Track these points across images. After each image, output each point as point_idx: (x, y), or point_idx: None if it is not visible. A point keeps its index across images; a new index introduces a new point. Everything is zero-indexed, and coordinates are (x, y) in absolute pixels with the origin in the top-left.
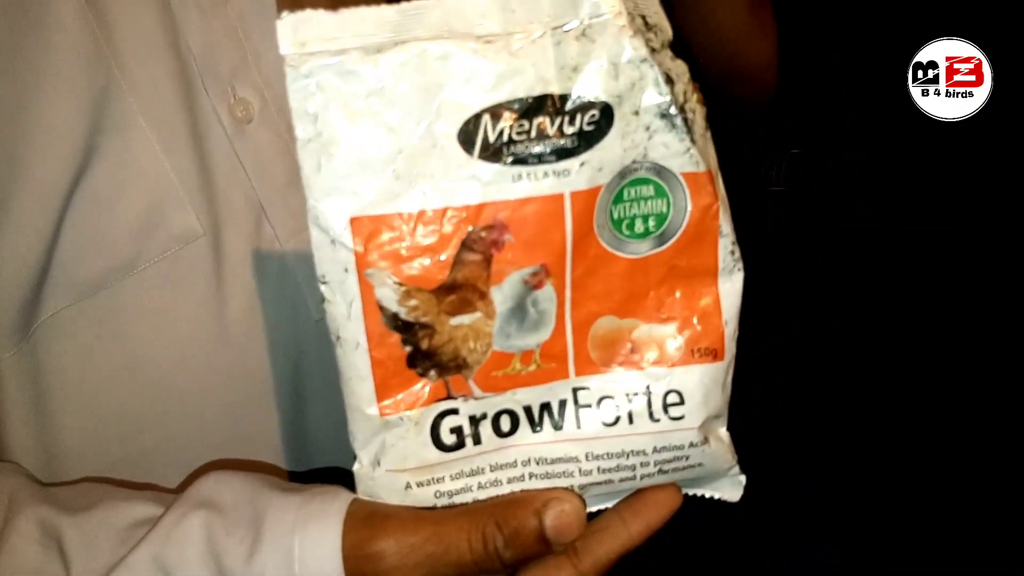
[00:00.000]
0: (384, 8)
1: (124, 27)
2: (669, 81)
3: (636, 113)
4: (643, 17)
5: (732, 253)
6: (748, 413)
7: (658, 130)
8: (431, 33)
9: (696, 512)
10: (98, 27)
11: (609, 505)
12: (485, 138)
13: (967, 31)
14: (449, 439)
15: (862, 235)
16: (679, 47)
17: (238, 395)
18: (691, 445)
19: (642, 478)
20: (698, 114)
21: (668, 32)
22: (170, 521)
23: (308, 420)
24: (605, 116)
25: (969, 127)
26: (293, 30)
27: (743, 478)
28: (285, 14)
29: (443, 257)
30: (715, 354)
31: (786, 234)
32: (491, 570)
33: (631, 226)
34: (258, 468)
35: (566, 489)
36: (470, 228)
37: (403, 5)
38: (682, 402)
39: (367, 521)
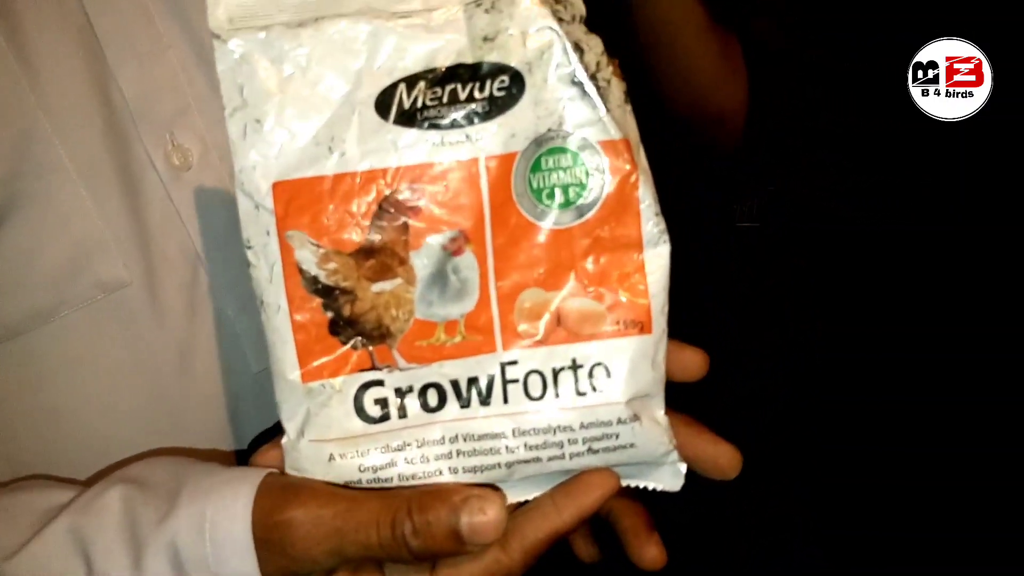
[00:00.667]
0: None
1: (52, 72)
2: (578, 50)
3: (546, 81)
4: None
5: (656, 224)
6: (734, 416)
7: (571, 98)
8: (352, 10)
9: (680, 511)
10: (21, 70)
11: (541, 492)
12: (400, 104)
13: (967, 31)
14: (374, 410)
15: (846, 236)
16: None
17: (169, 450)
18: (619, 421)
19: (571, 457)
20: (614, 85)
21: (580, 8)
22: (90, 495)
23: None
24: (516, 82)
25: (969, 127)
26: (220, 7)
27: (683, 466)
28: None
29: (361, 220)
30: (642, 327)
31: (770, 237)
32: (399, 558)
33: (551, 195)
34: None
35: (493, 488)
36: (387, 192)
37: None
38: (609, 375)
39: (281, 491)
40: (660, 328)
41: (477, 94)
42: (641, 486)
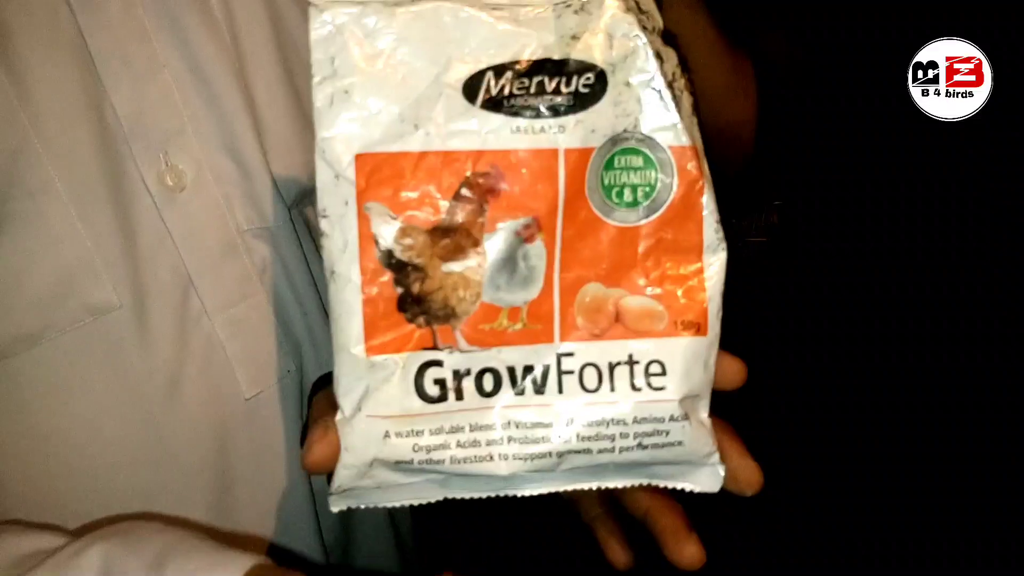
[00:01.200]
0: None
1: (43, 90)
2: (659, 58)
3: (628, 84)
4: (636, 1)
5: (717, 231)
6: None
7: (648, 102)
8: None
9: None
10: (12, 89)
11: (587, 486)
12: (488, 90)
13: (967, 31)
14: (432, 390)
15: (854, 252)
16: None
17: (157, 477)
18: (671, 419)
19: (621, 451)
20: (685, 97)
21: (659, 20)
22: (70, 552)
23: (234, 506)
24: (599, 81)
25: (969, 127)
26: None
27: (722, 469)
28: None
29: (440, 198)
30: (698, 328)
31: (779, 251)
32: None
33: (620, 194)
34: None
35: None
36: (468, 173)
37: None
38: (664, 373)
39: None
40: (715, 331)
41: (563, 88)
42: (679, 487)
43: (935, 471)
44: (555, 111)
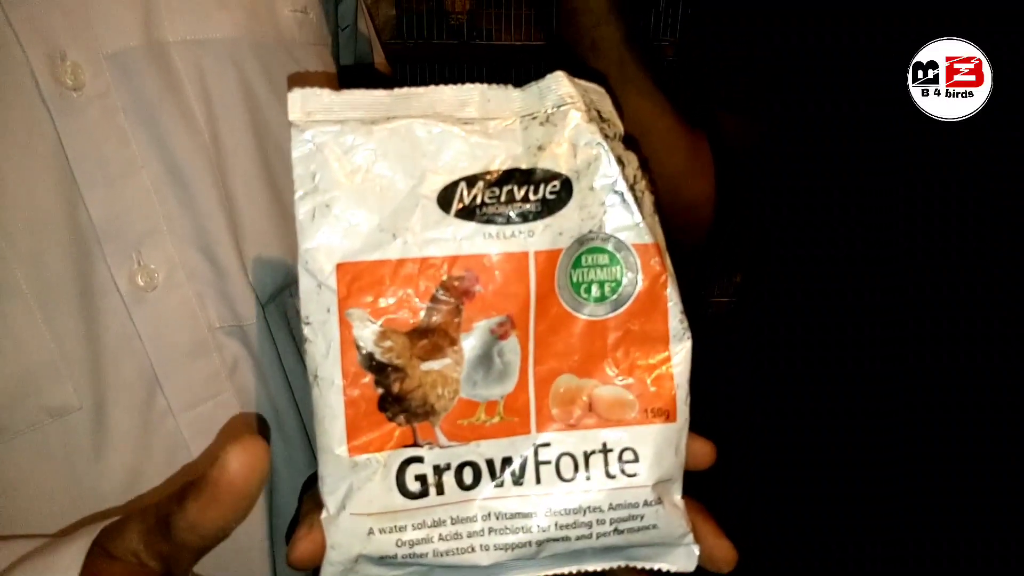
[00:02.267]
0: (380, 91)
1: (15, 197)
2: (620, 163)
3: (592, 188)
4: (598, 111)
5: (681, 322)
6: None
7: (612, 205)
8: (419, 113)
9: None
10: None
11: (567, 569)
12: (461, 199)
13: (967, 31)
14: (414, 486)
15: (820, 327)
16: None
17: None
18: (645, 503)
19: (598, 536)
20: (646, 197)
21: (620, 127)
22: None
23: None
24: (565, 188)
25: (969, 127)
26: (301, 101)
27: (697, 548)
28: (296, 88)
29: (418, 302)
30: (667, 415)
31: (739, 325)
32: None
33: (588, 290)
34: None
35: None
36: (444, 277)
37: (396, 90)
38: (636, 460)
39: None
40: (684, 417)
41: (531, 195)
42: (656, 567)
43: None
44: (524, 217)
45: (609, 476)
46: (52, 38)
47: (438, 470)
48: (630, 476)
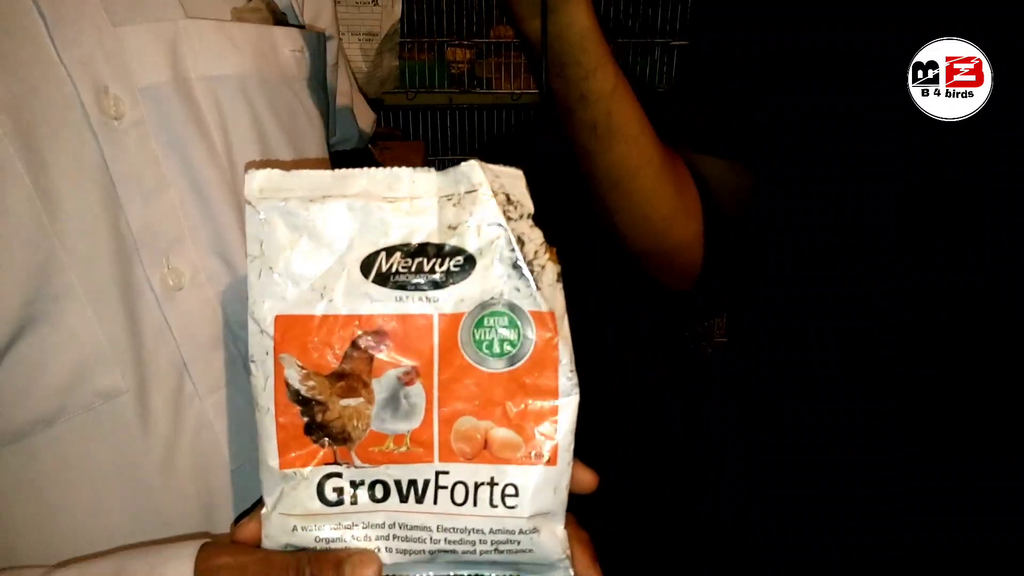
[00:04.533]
0: (323, 172)
1: (70, 208)
2: (520, 242)
3: (492, 263)
4: (507, 194)
5: (570, 379)
6: None
7: (511, 277)
8: (354, 192)
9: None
10: (44, 210)
11: (463, 572)
12: (379, 268)
13: (967, 31)
14: (331, 496)
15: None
16: (539, 221)
17: (148, 540)
18: (521, 532)
19: (481, 553)
20: (548, 269)
21: (528, 207)
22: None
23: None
24: (469, 262)
25: (969, 127)
26: (254, 181)
27: (571, 572)
28: (251, 170)
29: (337, 351)
30: (550, 460)
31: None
32: None
33: (489, 346)
34: None
35: (370, 552)
36: (359, 332)
37: (337, 171)
38: (517, 495)
39: (216, 546)
40: (565, 462)
41: (438, 268)
42: None
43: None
44: (432, 285)
45: (492, 505)
46: (97, 74)
47: (354, 484)
48: (510, 508)
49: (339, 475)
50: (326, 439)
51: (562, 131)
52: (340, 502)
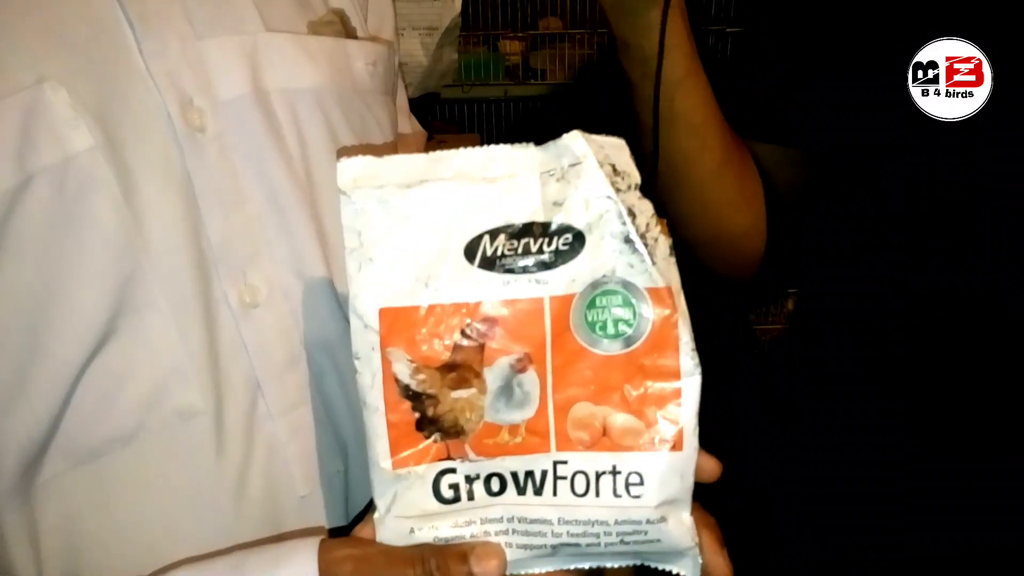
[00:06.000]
0: (417, 156)
1: (155, 220)
2: (631, 215)
3: (603, 238)
4: (612, 165)
5: (692, 358)
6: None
7: (623, 252)
8: (450, 174)
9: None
10: (132, 221)
11: (583, 564)
12: (484, 252)
13: (967, 31)
14: (447, 493)
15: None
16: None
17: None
18: (648, 522)
19: (606, 545)
20: (660, 242)
21: (636, 177)
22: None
23: None
24: (578, 239)
25: (969, 127)
26: (347, 170)
27: (701, 560)
28: (344, 159)
29: (446, 342)
30: (675, 445)
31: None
32: None
33: (603, 328)
34: None
35: (494, 544)
36: (468, 320)
37: (431, 154)
38: (642, 483)
39: (338, 542)
40: (691, 447)
41: (546, 247)
42: (663, 568)
43: None
44: (541, 266)
45: (616, 495)
46: (182, 86)
47: (469, 480)
48: (635, 497)
49: (453, 471)
50: (438, 434)
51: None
52: (456, 499)
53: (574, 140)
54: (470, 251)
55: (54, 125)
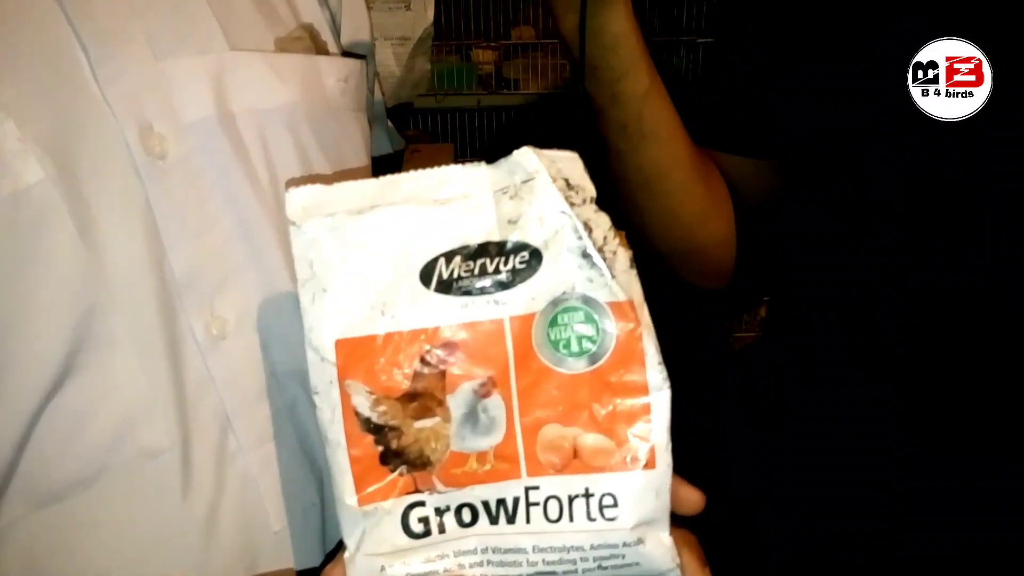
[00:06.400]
0: (367, 181)
1: (114, 252)
2: (588, 228)
3: (560, 254)
4: (566, 179)
5: (660, 372)
6: None
7: (582, 267)
8: (402, 198)
9: None
10: (91, 256)
11: None
12: (440, 276)
13: (967, 31)
14: (417, 527)
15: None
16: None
17: None
18: (625, 544)
19: (583, 572)
20: (620, 255)
21: (590, 190)
22: None
23: None
24: (535, 257)
25: (969, 127)
26: (296, 199)
27: None
28: (291, 188)
29: (406, 370)
30: (647, 463)
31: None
32: None
33: (567, 346)
34: None
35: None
36: (427, 346)
37: (382, 178)
38: (616, 504)
39: None
40: (664, 463)
41: (502, 267)
42: None
43: None
44: (499, 286)
45: (590, 519)
46: (141, 112)
47: (439, 512)
48: (609, 520)
49: (422, 504)
50: (404, 466)
51: (594, 130)
52: (427, 532)
53: (525, 156)
54: (426, 275)
55: (2, 158)
